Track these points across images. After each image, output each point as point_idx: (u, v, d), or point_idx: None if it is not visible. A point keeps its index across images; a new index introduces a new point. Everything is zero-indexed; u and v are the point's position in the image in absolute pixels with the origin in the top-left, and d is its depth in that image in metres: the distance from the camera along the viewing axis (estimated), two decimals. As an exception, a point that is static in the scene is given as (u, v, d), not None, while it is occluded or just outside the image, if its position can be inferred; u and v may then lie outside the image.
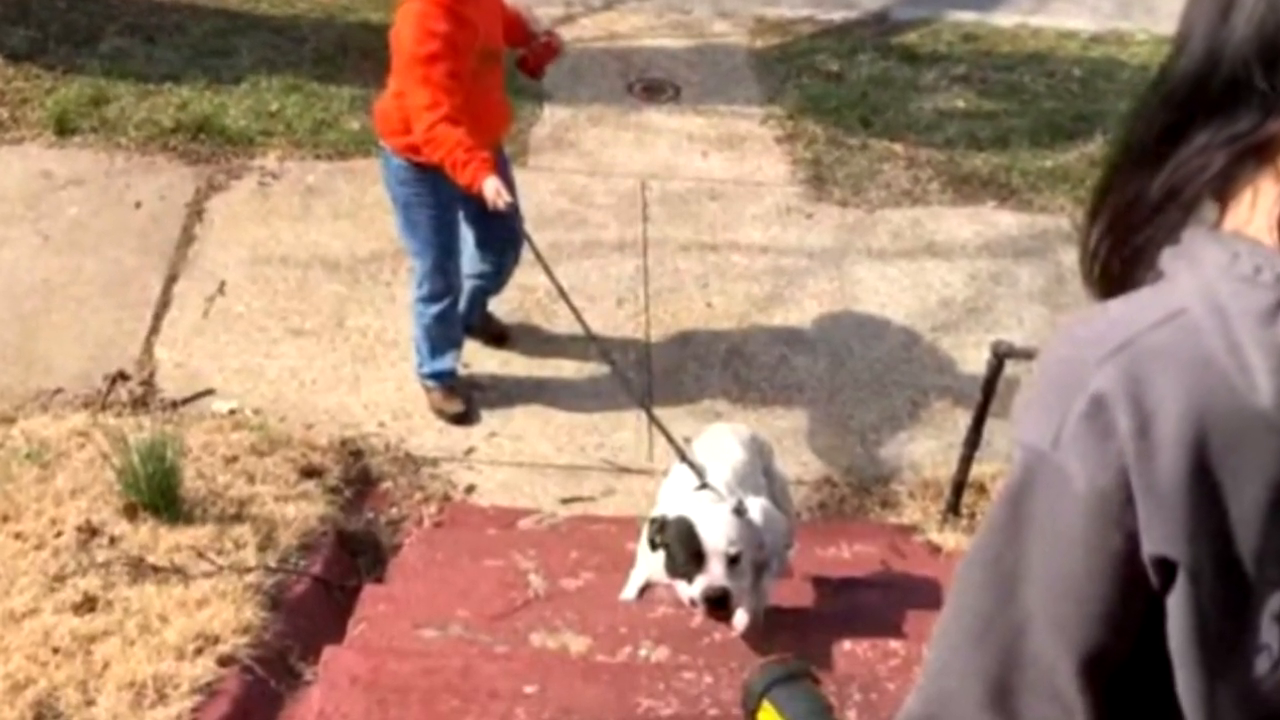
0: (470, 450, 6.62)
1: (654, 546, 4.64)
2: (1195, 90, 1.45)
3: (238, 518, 5.65)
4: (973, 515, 6.19)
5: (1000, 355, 5.74)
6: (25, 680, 4.64)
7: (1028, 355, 5.64)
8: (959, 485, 6.19)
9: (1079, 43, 10.48)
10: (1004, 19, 10.74)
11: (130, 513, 5.53)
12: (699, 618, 4.68)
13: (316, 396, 6.81)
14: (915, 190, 8.64)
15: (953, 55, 10.13)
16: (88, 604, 5.03)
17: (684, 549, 4.49)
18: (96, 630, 4.89)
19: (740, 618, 4.63)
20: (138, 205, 7.97)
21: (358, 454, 6.48)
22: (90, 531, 5.41)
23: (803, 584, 5.38)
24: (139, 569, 5.23)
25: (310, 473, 6.15)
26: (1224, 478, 1.36)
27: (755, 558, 4.59)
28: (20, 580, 5.14)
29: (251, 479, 5.96)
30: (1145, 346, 1.39)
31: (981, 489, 6.27)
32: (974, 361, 6.88)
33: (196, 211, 7.97)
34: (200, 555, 5.34)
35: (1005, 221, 8.39)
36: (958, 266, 7.98)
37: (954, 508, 6.22)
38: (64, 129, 8.49)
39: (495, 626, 4.83)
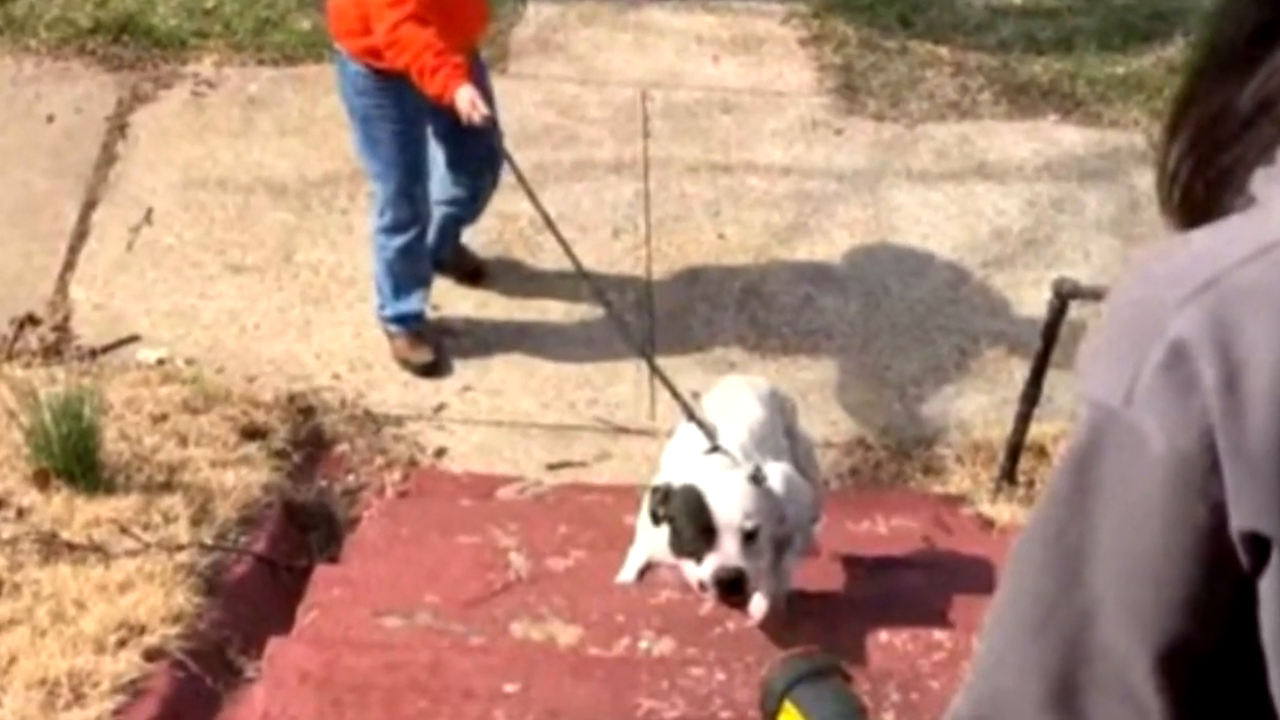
0: (440, 407, 6.63)
1: (656, 520, 4.64)
2: (1296, -19, 1.44)
3: (167, 486, 5.66)
4: (1031, 483, 6.20)
5: (1063, 295, 5.74)
6: (-82, 676, 4.66)
7: (1095, 295, 5.64)
8: (1015, 448, 6.21)
9: (1157, -73, 10.46)
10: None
11: (41, 480, 5.54)
12: (709, 604, 4.69)
13: (260, 344, 6.81)
14: (963, 102, 8.62)
15: (1009, -59, 10.11)
16: (-9, 588, 5.05)
17: (692, 523, 4.49)
18: (1, 619, 4.90)
19: (758, 603, 4.64)
20: (50, 119, 7.95)
21: (308, 411, 6.49)
22: (-6, 503, 5.43)
23: (831, 564, 5.40)
24: (51, 547, 5.24)
25: (252, 434, 6.16)
26: (1327, 440, 1.35)
27: (775, 533, 4.60)
28: (-88, 560, 5.16)
29: (183, 441, 5.97)
30: (1234, 285, 1.38)
31: (1041, 452, 6.30)
32: (1032, 303, 6.88)
33: (119, 126, 7.96)
34: (123, 531, 5.34)
35: (1069, 138, 8.38)
36: (1013, 191, 7.97)
37: (1009, 474, 6.24)
38: (-39, 30, 8.48)
39: (470, 614, 4.84)
